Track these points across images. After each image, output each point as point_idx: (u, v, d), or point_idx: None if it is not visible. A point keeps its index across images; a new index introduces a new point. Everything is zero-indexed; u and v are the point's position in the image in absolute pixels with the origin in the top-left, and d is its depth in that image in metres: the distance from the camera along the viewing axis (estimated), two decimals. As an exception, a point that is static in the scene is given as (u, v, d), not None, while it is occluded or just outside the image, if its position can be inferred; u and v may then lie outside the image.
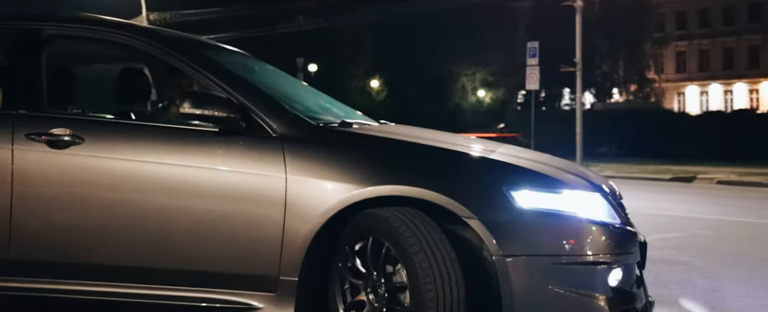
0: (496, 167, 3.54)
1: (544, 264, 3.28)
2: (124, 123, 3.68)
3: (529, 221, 3.31)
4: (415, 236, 3.22)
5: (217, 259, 3.48)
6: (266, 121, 3.51)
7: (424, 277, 3.17)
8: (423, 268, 3.18)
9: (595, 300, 3.31)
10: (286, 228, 3.40)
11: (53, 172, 3.53)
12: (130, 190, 3.50)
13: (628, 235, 3.56)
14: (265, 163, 3.44)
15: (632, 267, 3.55)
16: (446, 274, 3.20)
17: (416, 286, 3.20)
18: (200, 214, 3.47)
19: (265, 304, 3.44)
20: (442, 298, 3.17)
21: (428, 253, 3.20)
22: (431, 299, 3.16)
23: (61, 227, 3.55)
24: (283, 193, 3.40)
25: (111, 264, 3.53)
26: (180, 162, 3.49)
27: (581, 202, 3.43)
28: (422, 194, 3.33)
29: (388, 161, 3.52)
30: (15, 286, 3.56)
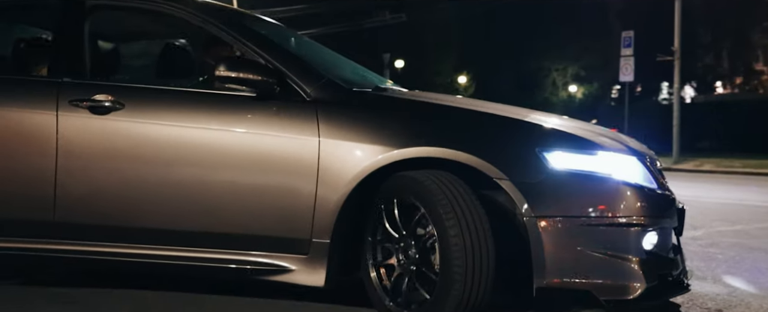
0: (528, 129, 3.49)
1: (575, 225, 3.22)
2: (163, 89, 3.75)
3: (561, 182, 3.26)
4: (446, 198, 3.20)
5: (251, 221, 3.52)
6: (300, 85, 3.55)
7: (453, 238, 3.15)
8: (452, 229, 3.16)
9: (627, 262, 3.23)
10: (319, 191, 3.42)
11: (95, 137, 3.64)
12: (168, 154, 3.58)
13: (665, 200, 3.49)
14: (298, 127, 3.47)
15: (669, 232, 3.47)
16: (476, 236, 3.17)
17: (445, 247, 3.18)
18: (235, 177, 3.52)
19: (297, 266, 3.47)
20: (471, 260, 3.14)
21: (459, 214, 3.18)
22: (459, 261, 3.14)
23: (103, 191, 3.65)
24: (316, 156, 3.43)
25: (149, 227, 3.62)
26: (216, 126, 3.56)
27: (616, 164, 3.36)
28: (453, 155, 3.32)
29: (419, 124, 3.52)
30: (59, 248, 3.67)
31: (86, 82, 3.75)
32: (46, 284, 4.04)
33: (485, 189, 3.34)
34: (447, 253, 3.17)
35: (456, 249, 3.14)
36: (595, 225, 3.24)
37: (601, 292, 3.22)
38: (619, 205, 3.27)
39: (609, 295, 3.24)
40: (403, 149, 3.35)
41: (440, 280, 3.20)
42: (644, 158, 3.56)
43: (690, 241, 5.88)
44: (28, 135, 3.68)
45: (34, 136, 3.67)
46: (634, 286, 3.23)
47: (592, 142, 3.42)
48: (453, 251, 3.15)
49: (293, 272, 3.47)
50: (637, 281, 3.23)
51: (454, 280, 3.14)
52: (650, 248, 3.33)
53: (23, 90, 3.78)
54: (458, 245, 3.14)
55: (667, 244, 3.45)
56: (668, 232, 3.46)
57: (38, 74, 3.99)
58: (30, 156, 3.68)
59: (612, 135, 3.80)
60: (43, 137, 3.65)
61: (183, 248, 3.58)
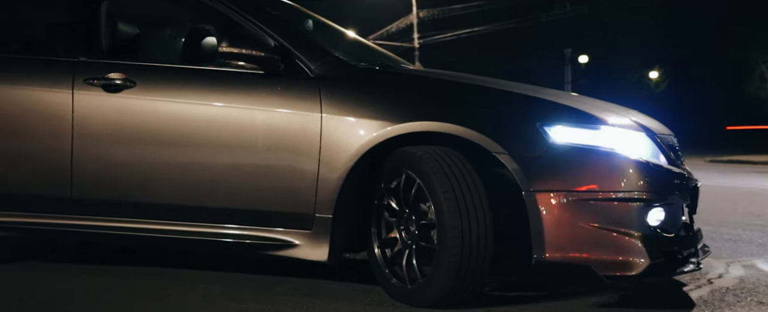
0: (529, 103, 3.48)
1: (576, 200, 3.19)
2: (173, 67, 3.82)
3: (562, 157, 3.24)
4: (443, 172, 3.20)
5: (255, 196, 3.57)
6: (305, 62, 3.58)
7: (449, 212, 3.15)
8: (448, 202, 3.16)
9: (629, 237, 3.19)
10: (321, 166, 3.45)
11: (108, 114, 3.72)
12: (175, 130, 3.65)
13: (673, 177, 3.44)
14: (301, 103, 3.50)
15: (677, 209, 3.41)
16: (473, 211, 3.17)
17: (442, 221, 3.18)
18: (240, 152, 3.57)
19: (302, 241, 3.50)
20: (468, 234, 3.14)
21: (456, 189, 3.18)
22: (456, 235, 3.14)
23: (115, 167, 3.73)
24: (319, 132, 3.45)
25: (159, 202, 3.69)
26: (222, 103, 3.62)
27: (620, 139, 3.32)
28: (451, 129, 3.31)
29: (419, 99, 3.53)
30: (75, 223, 3.76)
31: (100, 61, 3.83)
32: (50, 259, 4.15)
33: (496, 165, 3.32)
34: (443, 225, 3.17)
35: (451, 221, 3.14)
36: (597, 200, 3.21)
37: (602, 267, 3.19)
38: (622, 180, 3.23)
39: (610, 270, 3.20)
40: (402, 124, 3.36)
41: (437, 254, 3.20)
42: (654, 135, 3.51)
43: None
44: (46, 113, 3.78)
45: (52, 113, 3.77)
46: (637, 261, 3.19)
47: (596, 117, 3.38)
48: (448, 224, 3.15)
49: (298, 247, 3.50)
50: (640, 257, 3.19)
51: (450, 253, 3.14)
52: (656, 224, 3.29)
53: (41, 69, 3.87)
54: (454, 218, 3.14)
55: (675, 221, 3.40)
56: (677, 209, 3.41)
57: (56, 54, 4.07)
58: (48, 133, 3.78)
59: (622, 112, 3.75)
60: (60, 115, 3.75)
61: (190, 223, 3.64)
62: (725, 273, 4.15)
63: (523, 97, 3.55)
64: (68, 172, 3.74)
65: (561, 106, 3.46)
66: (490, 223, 3.20)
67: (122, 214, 3.72)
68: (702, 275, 4.02)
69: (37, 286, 3.61)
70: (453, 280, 3.17)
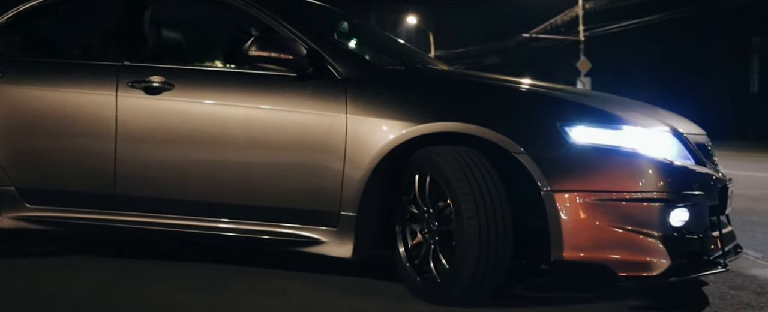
0: (550, 103, 3.51)
1: (595, 199, 3.19)
2: (210, 70, 3.98)
3: (582, 156, 3.25)
4: (462, 171, 3.25)
5: (284, 195, 3.68)
6: (333, 64, 3.67)
7: (467, 212, 3.20)
8: (467, 202, 3.20)
9: (650, 238, 3.18)
10: (346, 165, 3.53)
11: (148, 115, 3.89)
12: (210, 130, 3.79)
13: (698, 176, 3.40)
14: (328, 104, 3.60)
15: (702, 209, 3.37)
16: (492, 209, 3.20)
17: (460, 221, 3.22)
18: (269, 152, 3.69)
19: (328, 239, 3.59)
20: (486, 231, 3.18)
21: (474, 187, 3.22)
22: (473, 232, 3.18)
23: (153, 165, 3.90)
24: (344, 132, 3.54)
25: (193, 199, 3.83)
26: (253, 104, 3.74)
27: (644, 139, 3.31)
28: (469, 129, 3.36)
29: (439, 99, 3.59)
30: (117, 219, 3.94)
31: (142, 65, 4.00)
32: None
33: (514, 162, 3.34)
34: (461, 223, 3.21)
35: (468, 219, 3.18)
36: (617, 200, 3.20)
37: (621, 267, 3.19)
38: (642, 181, 3.22)
39: (629, 271, 3.20)
40: (423, 125, 3.42)
41: (456, 251, 3.25)
42: (681, 135, 3.49)
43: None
44: (92, 114, 3.96)
45: (98, 115, 3.95)
46: (658, 262, 3.18)
47: (617, 117, 3.38)
48: (466, 221, 3.19)
49: (324, 244, 3.59)
50: (660, 258, 3.17)
51: (467, 251, 3.18)
52: (679, 225, 3.26)
53: (89, 73, 4.07)
54: (471, 216, 3.18)
55: (701, 221, 3.36)
56: (702, 210, 3.37)
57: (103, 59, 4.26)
58: (94, 134, 3.96)
59: (649, 111, 3.73)
60: (105, 116, 3.93)
61: (224, 220, 3.78)
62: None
63: (543, 96, 3.58)
64: (112, 170, 3.92)
65: (583, 106, 3.48)
66: (510, 221, 3.23)
67: (161, 210, 3.87)
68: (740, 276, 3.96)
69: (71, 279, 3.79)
70: (470, 277, 3.21)
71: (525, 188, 3.29)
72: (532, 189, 3.27)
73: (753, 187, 9.53)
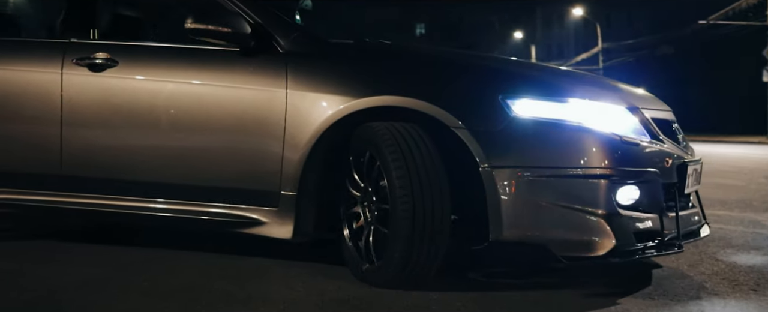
0: (492, 75, 3.34)
1: (537, 176, 3.04)
2: (154, 46, 3.85)
3: (523, 131, 3.09)
4: (398, 147, 3.10)
5: (225, 174, 3.56)
6: (275, 37, 3.53)
7: (400, 189, 3.06)
8: (400, 179, 3.06)
9: (593, 216, 3.03)
10: (286, 143, 3.40)
11: (92, 93, 3.78)
12: (151, 109, 3.68)
13: (650, 152, 3.23)
14: (268, 79, 3.47)
15: (655, 188, 3.19)
16: (428, 188, 3.06)
17: (393, 199, 3.08)
18: (208, 129, 3.57)
19: (269, 219, 3.46)
20: (421, 210, 3.04)
21: (410, 165, 3.07)
22: (406, 209, 3.04)
23: (96, 145, 3.80)
24: (284, 108, 3.41)
25: (134, 179, 3.72)
26: (193, 81, 3.63)
27: (592, 113, 3.14)
28: (407, 103, 3.21)
29: (380, 73, 3.44)
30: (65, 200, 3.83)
31: (88, 42, 3.91)
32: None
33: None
34: (393, 200, 3.07)
35: (401, 196, 3.04)
36: (559, 176, 3.05)
37: (562, 247, 3.04)
38: (587, 156, 3.06)
39: (571, 251, 3.05)
40: (360, 99, 3.28)
41: (389, 231, 3.11)
42: (636, 110, 3.31)
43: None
44: (39, 92, 3.87)
45: (44, 93, 3.85)
46: (601, 242, 3.02)
47: (563, 89, 3.22)
48: (398, 198, 3.05)
49: (265, 225, 3.47)
50: (604, 237, 3.02)
51: (399, 229, 3.05)
52: (627, 203, 3.11)
53: (35, 51, 3.98)
54: (405, 193, 3.04)
55: (653, 200, 3.19)
56: (655, 188, 3.20)
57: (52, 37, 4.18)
58: (40, 112, 3.86)
59: (601, 85, 3.57)
60: (51, 94, 3.83)
61: (163, 201, 3.66)
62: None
63: (485, 68, 3.43)
64: (58, 150, 3.82)
65: (527, 78, 3.32)
66: (448, 199, 3.08)
67: (104, 192, 3.77)
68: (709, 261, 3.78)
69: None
70: (401, 258, 3.07)
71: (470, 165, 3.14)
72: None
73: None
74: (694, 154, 3.65)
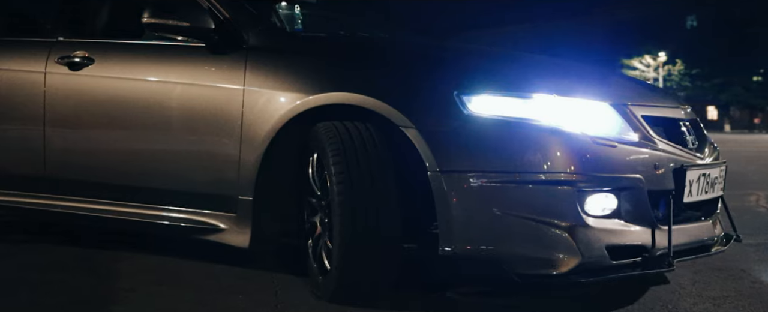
0: (447, 69, 2.96)
1: (492, 183, 2.67)
2: (126, 44, 3.67)
3: (479, 131, 2.73)
4: (340, 147, 2.81)
5: (185, 177, 3.37)
6: (239, 31, 3.30)
7: (339, 194, 2.77)
8: (340, 185, 2.77)
9: (554, 228, 2.64)
10: (242, 144, 3.17)
11: (69, 92, 3.67)
12: (115, 107, 3.54)
13: (633, 156, 2.80)
14: (227, 75, 3.25)
15: (638, 196, 2.76)
16: (370, 192, 2.76)
17: (332, 202, 2.80)
18: (169, 129, 3.40)
19: (228, 225, 3.24)
20: (362, 219, 2.74)
21: (352, 166, 2.78)
22: (344, 217, 2.75)
23: (74, 146, 3.68)
24: (241, 106, 3.18)
25: (100, 181, 3.60)
26: (158, 78, 3.45)
27: (561, 109, 2.74)
28: (355, 100, 2.91)
29: (338, 68, 3.13)
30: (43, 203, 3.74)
31: (71, 40, 3.80)
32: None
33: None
34: (333, 207, 2.79)
35: (340, 202, 2.76)
36: (517, 183, 2.67)
37: (519, 264, 2.68)
38: (549, 160, 2.67)
39: (529, 268, 2.68)
40: (312, 96, 2.99)
41: (332, 239, 2.82)
42: (623, 107, 2.89)
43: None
44: (25, 91, 3.80)
45: (30, 92, 3.77)
46: (564, 259, 2.64)
47: (527, 83, 2.83)
48: (336, 205, 2.77)
49: (224, 232, 3.24)
50: (568, 253, 2.63)
51: (338, 238, 2.77)
52: (600, 213, 2.71)
53: (24, 49, 3.91)
54: (344, 198, 2.75)
55: (638, 210, 2.78)
56: (639, 196, 2.77)
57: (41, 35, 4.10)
58: (25, 111, 3.79)
59: (582, 77, 3.19)
60: (35, 93, 3.75)
61: (133, 204, 3.51)
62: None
63: (442, 61, 3.06)
64: (41, 150, 3.73)
65: (488, 71, 2.94)
66: (396, 207, 2.77)
67: (76, 194, 3.66)
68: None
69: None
70: (338, 270, 2.78)
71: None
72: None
73: None
74: (710, 157, 3.18)
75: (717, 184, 3.18)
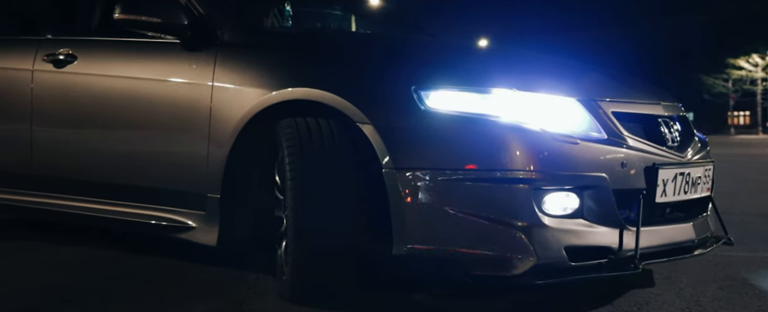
0: (405, 63, 2.87)
1: (446, 180, 2.59)
2: (105, 41, 3.67)
3: (436, 127, 2.64)
4: (297, 143, 2.75)
5: (158, 174, 3.37)
6: (212, 27, 3.27)
7: (292, 189, 2.71)
8: (294, 179, 2.72)
9: (508, 228, 2.54)
10: (210, 141, 3.14)
11: (53, 89, 3.70)
12: (93, 104, 3.55)
13: (597, 153, 2.68)
14: (198, 71, 3.22)
15: (602, 193, 2.65)
16: (324, 189, 2.71)
17: (287, 198, 2.74)
18: (142, 126, 3.40)
19: (198, 224, 3.20)
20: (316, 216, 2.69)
21: (308, 162, 2.73)
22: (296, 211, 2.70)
23: (58, 143, 3.71)
24: (209, 103, 3.15)
25: (76, 178, 3.63)
26: (133, 75, 3.45)
27: (519, 105, 2.64)
28: (314, 95, 2.84)
29: (303, 63, 3.06)
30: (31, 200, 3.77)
31: (58, 38, 3.82)
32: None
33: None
34: (287, 203, 2.73)
35: (293, 198, 2.70)
36: (471, 181, 2.58)
37: (472, 265, 2.59)
38: (504, 157, 2.57)
39: (483, 269, 2.60)
40: (274, 93, 2.94)
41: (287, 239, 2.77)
42: (592, 102, 2.78)
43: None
44: (14, 89, 3.84)
45: (19, 90, 3.82)
46: (519, 259, 2.54)
47: (486, 77, 2.73)
48: (290, 201, 2.71)
49: (194, 230, 3.21)
50: (522, 253, 2.53)
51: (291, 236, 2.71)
52: (560, 213, 2.60)
53: (14, 47, 3.95)
54: (295, 195, 2.70)
55: (603, 209, 2.66)
56: (603, 195, 2.65)
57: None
58: (14, 109, 3.84)
59: (549, 71, 3.08)
60: (23, 91, 3.79)
61: (108, 202, 3.52)
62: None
63: (400, 55, 2.97)
64: (29, 148, 3.76)
65: (447, 65, 2.85)
66: (352, 204, 2.70)
67: (60, 191, 3.68)
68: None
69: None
70: (292, 268, 2.73)
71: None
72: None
73: None
74: (695, 156, 3.05)
75: (700, 184, 3.05)
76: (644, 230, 2.76)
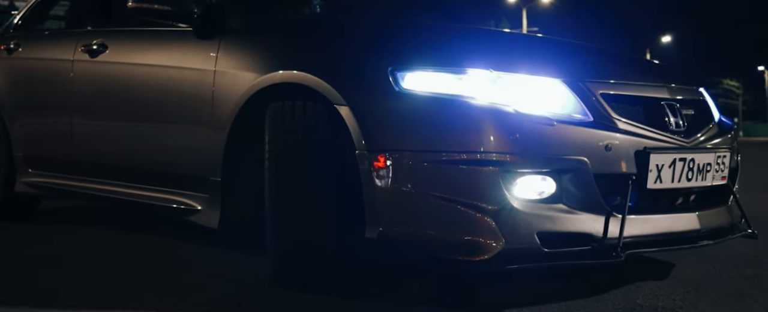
0: (385, 43, 2.82)
1: (418, 163, 2.53)
2: (132, 30, 3.79)
3: (410, 108, 2.57)
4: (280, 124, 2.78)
5: (170, 157, 3.45)
6: (219, 14, 3.32)
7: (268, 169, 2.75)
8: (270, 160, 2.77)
9: (475, 211, 2.45)
10: (213, 125, 3.19)
11: (87, 78, 3.85)
12: (119, 90, 3.68)
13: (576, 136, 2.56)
14: (203, 58, 3.28)
15: (582, 177, 2.54)
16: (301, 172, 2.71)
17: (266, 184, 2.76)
18: (154, 112, 3.49)
19: (203, 206, 3.26)
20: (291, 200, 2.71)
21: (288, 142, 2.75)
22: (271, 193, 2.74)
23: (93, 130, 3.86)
24: (211, 88, 3.19)
25: (103, 162, 3.77)
26: (148, 62, 3.56)
27: (496, 85, 2.55)
28: (297, 78, 2.83)
29: (294, 46, 3.05)
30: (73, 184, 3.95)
31: (95, 29, 3.96)
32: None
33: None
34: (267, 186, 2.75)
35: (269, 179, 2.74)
36: (440, 162, 2.50)
37: (442, 248, 2.53)
38: (473, 138, 2.48)
39: (451, 253, 2.53)
40: (265, 76, 2.95)
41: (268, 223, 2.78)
42: (579, 83, 2.66)
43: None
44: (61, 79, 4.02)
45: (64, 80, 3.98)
46: (487, 244, 2.45)
47: (463, 57, 2.64)
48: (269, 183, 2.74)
49: (199, 212, 3.26)
50: (489, 237, 2.45)
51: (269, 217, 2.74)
52: (535, 197, 2.50)
53: (60, 39, 4.13)
54: (271, 176, 2.74)
55: (585, 195, 2.54)
56: (584, 179, 2.53)
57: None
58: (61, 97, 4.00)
59: (532, 51, 2.97)
60: (65, 80, 3.96)
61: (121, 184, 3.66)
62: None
63: (377, 36, 2.92)
64: (70, 135, 3.92)
65: (424, 46, 2.78)
66: (331, 188, 2.69)
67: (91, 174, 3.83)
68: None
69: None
70: (272, 252, 2.75)
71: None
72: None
73: None
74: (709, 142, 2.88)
75: (711, 171, 2.87)
76: (636, 218, 2.63)
